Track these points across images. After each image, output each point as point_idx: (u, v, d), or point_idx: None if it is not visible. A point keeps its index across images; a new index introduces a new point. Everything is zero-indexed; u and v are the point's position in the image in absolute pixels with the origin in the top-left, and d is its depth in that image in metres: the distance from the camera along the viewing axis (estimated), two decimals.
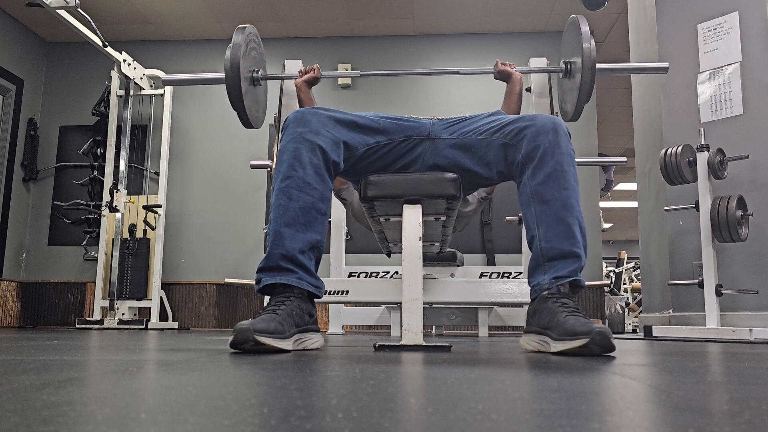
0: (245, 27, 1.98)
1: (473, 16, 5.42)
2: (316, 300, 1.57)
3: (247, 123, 2.04)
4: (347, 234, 4.40)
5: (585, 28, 1.89)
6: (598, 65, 1.92)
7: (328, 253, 3.71)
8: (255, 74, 2.07)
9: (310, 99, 2.20)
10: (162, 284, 5.08)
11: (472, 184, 1.83)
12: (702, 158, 3.05)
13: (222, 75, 1.98)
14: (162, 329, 4.57)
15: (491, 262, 5.15)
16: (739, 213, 2.90)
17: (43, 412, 0.48)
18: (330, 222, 3.25)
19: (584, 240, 1.53)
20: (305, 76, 2.20)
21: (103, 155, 5.41)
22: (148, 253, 5.10)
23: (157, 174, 5.36)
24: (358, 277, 3.94)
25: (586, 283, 1.75)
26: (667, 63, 2.14)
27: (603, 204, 7.49)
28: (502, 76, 2.22)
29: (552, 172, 1.52)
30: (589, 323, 1.33)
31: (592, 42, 1.87)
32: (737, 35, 3.27)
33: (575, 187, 1.53)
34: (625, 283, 8.38)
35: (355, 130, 1.66)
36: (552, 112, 2.32)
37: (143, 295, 5.01)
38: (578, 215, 1.52)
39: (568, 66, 2.05)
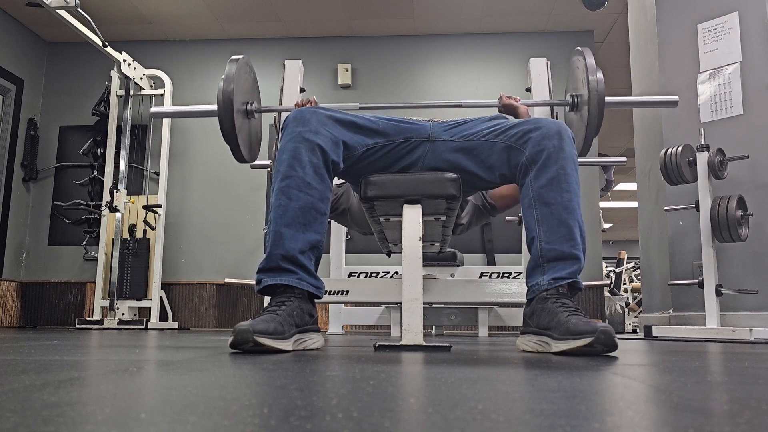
0: (238, 58, 1.89)
1: (473, 16, 5.42)
2: (316, 300, 1.57)
3: (240, 158, 1.94)
4: (347, 234, 4.40)
5: (591, 60, 1.83)
6: (607, 99, 1.85)
7: (328, 253, 3.71)
8: (249, 107, 1.96)
9: None
10: (162, 284, 5.08)
11: (473, 187, 1.83)
12: (702, 158, 3.05)
13: (214, 107, 1.87)
14: (162, 329, 4.57)
15: (491, 262, 5.15)
16: (739, 213, 2.90)
17: (43, 412, 0.48)
18: (330, 222, 3.26)
19: (584, 243, 1.53)
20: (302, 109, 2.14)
21: (103, 155, 5.41)
22: (148, 253, 5.10)
23: (157, 174, 5.36)
24: (358, 277, 3.94)
25: (586, 283, 1.75)
26: (677, 96, 2.06)
27: (603, 204, 7.49)
28: (507, 110, 2.20)
29: (555, 175, 1.52)
30: (591, 323, 1.33)
31: (600, 74, 1.81)
32: (737, 35, 3.27)
33: (577, 191, 1.54)
34: (625, 283, 8.39)
35: (355, 130, 1.66)
36: (552, 114, 2.32)
37: (143, 295, 5.01)
38: (579, 218, 1.53)
39: (575, 99, 1.98)
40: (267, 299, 1.82)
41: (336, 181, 1.98)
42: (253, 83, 2.04)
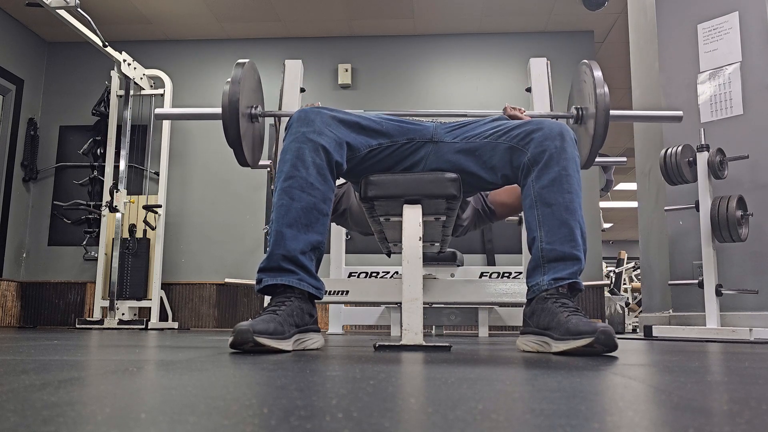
0: (244, 62, 1.89)
1: (473, 16, 5.42)
2: (316, 300, 1.57)
3: (243, 162, 1.94)
4: (347, 234, 4.40)
5: (598, 73, 1.84)
6: (612, 112, 1.86)
7: (328, 253, 3.71)
8: (253, 111, 1.96)
9: None
10: (162, 284, 5.08)
11: (475, 188, 1.83)
12: (702, 158, 3.05)
13: (218, 111, 1.88)
14: (162, 329, 4.57)
15: (491, 262, 5.14)
16: (739, 213, 2.90)
17: (43, 412, 0.48)
18: (330, 222, 3.24)
19: (585, 244, 1.53)
20: None
21: (103, 155, 5.42)
22: (148, 253, 5.10)
23: (157, 174, 5.36)
24: (358, 277, 3.94)
25: (586, 283, 1.75)
26: (681, 112, 2.09)
27: (603, 204, 7.49)
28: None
29: (557, 176, 1.53)
30: (591, 323, 1.33)
31: (606, 88, 1.81)
32: (737, 35, 3.27)
33: (578, 192, 1.54)
34: (625, 283, 8.39)
35: (358, 131, 1.66)
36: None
37: (143, 295, 5.01)
38: (580, 219, 1.53)
39: (580, 112, 1.98)
40: (267, 299, 1.82)
41: (338, 181, 1.98)
42: (257, 87, 2.04)
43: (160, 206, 5.09)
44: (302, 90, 2.43)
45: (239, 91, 1.82)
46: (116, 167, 5.11)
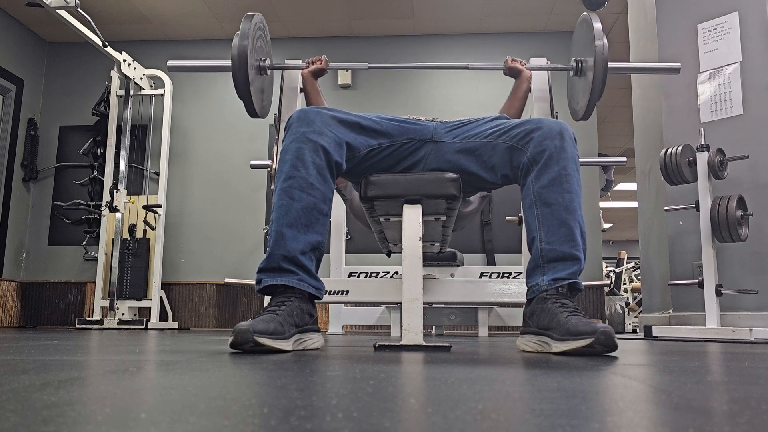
0: (253, 15, 1.94)
1: (473, 16, 5.42)
2: (316, 300, 1.57)
3: (252, 112, 2.02)
4: (347, 234, 4.40)
5: (597, 25, 1.87)
6: (611, 64, 1.89)
7: (328, 253, 3.71)
8: (262, 63, 2.04)
9: (317, 90, 2.22)
10: (162, 284, 5.08)
11: (475, 188, 1.83)
12: (702, 158, 3.05)
13: (228, 63, 1.95)
14: (162, 329, 4.57)
15: (491, 262, 5.14)
16: (739, 213, 2.90)
17: (43, 412, 0.48)
18: (330, 222, 3.25)
19: (584, 244, 1.53)
20: (312, 67, 2.20)
21: (103, 155, 5.41)
22: (148, 253, 5.10)
23: (157, 174, 5.36)
24: (358, 277, 3.94)
25: (586, 283, 1.75)
26: (679, 64, 2.11)
27: (603, 204, 7.49)
28: (512, 72, 2.23)
29: (556, 176, 1.52)
30: (591, 323, 1.33)
31: (605, 40, 1.85)
32: (737, 35, 3.27)
33: (578, 192, 1.54)
34: (625, 283, 8.39)
35: (358, 131, 1.66)
36: (552, 114, 2.32)
37: (143, 295, 5.01)
38: (580, 219, 1.53)
39: (579, 64, 2.02)
40: (267, 299, 1.82)
41: None
42: (266, 40, 2.10)
43: (160, 206, 5.09)
44: (302, 90, 2.43)
45: (248, 43, 1.88)
46: (116, 167, 5.11)
